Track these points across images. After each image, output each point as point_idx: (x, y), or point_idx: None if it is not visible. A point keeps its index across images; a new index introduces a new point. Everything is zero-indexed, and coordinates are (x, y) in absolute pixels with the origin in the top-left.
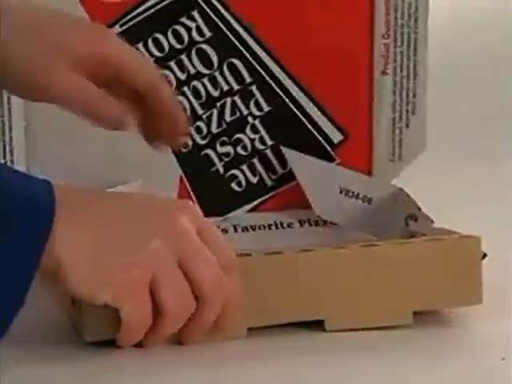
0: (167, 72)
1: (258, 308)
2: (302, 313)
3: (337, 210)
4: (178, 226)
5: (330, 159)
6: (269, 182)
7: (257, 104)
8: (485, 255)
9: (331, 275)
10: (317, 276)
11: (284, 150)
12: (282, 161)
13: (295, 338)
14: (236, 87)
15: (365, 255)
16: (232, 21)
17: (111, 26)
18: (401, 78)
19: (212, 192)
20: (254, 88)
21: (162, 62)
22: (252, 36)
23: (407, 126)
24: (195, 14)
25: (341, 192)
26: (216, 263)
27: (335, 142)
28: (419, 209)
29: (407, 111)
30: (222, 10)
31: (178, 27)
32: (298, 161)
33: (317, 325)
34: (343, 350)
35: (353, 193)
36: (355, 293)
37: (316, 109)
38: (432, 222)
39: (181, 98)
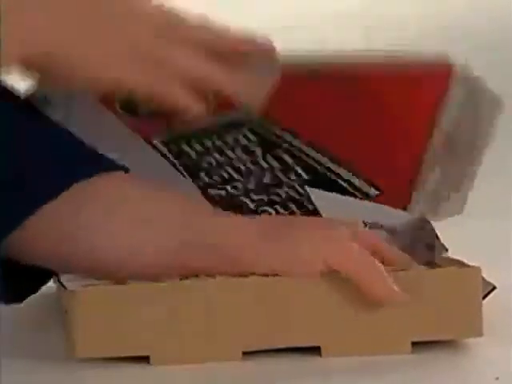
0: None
1: (254, 332)
2: (298, 338)
3: None
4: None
5: None
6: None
7: (296, 174)
8: (494, 288)
9: (329, 302)
10: (314, 302)
11: (309, 189)
12: None
13: (291, 361)
14: (276, 165)
15: None
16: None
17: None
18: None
19: None
20: (296, 167)
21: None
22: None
23: (448, 198)
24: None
25: (365, 225)
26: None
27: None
28: (437, 237)
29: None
30: None
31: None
32: (321, 198)
33: (313, 349)
34: (340, 375)
35: (376, 224)
36: (353, 320)
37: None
38: (446, 250)
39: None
